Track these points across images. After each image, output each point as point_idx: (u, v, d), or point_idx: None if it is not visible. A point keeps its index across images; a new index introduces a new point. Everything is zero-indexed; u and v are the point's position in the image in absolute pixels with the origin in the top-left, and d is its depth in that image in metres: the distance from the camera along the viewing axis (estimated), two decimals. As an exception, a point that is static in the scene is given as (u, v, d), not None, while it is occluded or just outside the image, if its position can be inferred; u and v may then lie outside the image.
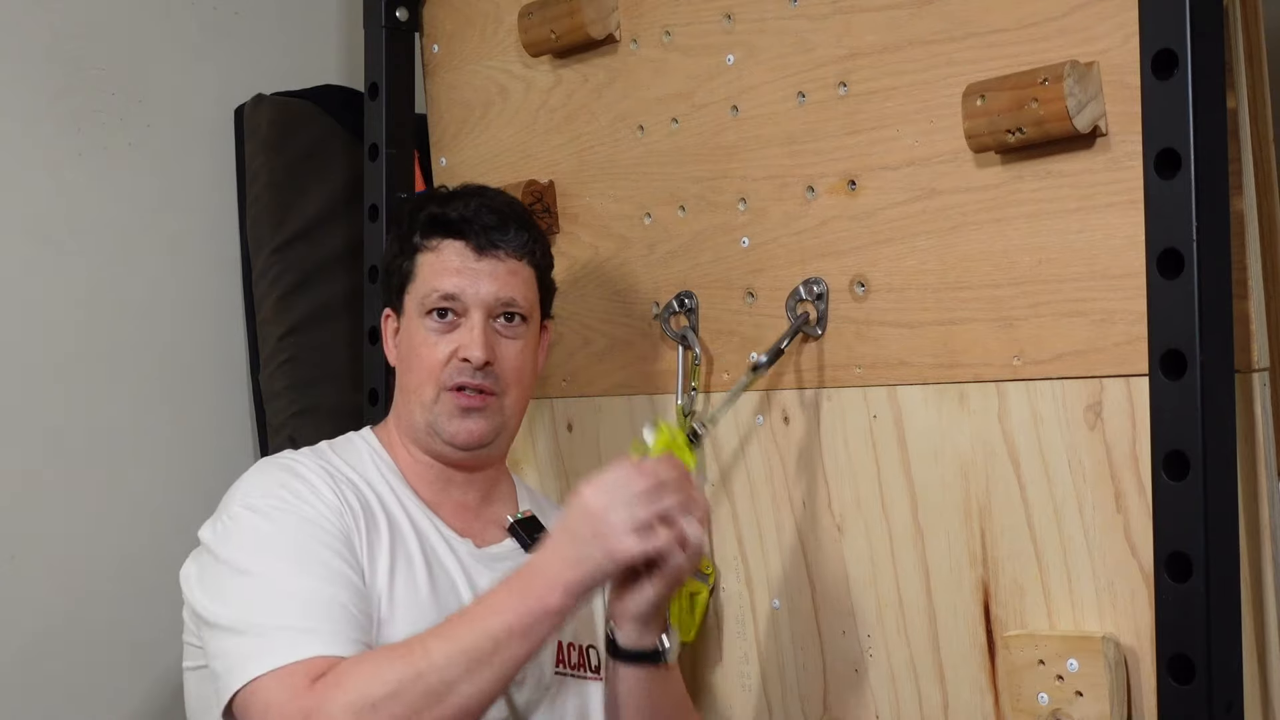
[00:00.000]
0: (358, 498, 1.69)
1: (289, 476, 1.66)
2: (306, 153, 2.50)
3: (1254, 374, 1.52)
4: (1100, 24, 1.54)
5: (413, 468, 1.77)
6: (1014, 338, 1.63)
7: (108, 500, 2.40)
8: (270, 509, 1.62)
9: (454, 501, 1.78)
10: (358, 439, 1.81)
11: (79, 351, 2.40)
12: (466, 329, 1.73)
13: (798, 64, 1.82)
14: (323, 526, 1.61)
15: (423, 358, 1.74)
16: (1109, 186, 1.55)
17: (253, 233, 2.49)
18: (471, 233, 1.75)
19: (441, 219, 1.76)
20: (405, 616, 1.63)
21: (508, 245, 1.75)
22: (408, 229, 1.79)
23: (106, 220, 2.43)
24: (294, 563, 1.58)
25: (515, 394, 1.76)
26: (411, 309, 1.76)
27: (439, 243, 1.76)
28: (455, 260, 1.74)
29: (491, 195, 1.82)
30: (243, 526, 1.61)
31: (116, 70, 2.44)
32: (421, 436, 1.76)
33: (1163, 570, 1.43)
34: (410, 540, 1.70)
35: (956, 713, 1.71)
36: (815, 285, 1.81)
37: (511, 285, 1.75)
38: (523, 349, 1.76)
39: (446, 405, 1.73)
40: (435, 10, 2.32)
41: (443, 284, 1.73)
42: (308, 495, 1.64)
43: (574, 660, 1.78)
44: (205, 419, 2.52)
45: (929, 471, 1.72)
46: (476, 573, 1.73)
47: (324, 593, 1.55)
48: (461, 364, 1.72)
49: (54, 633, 2.32)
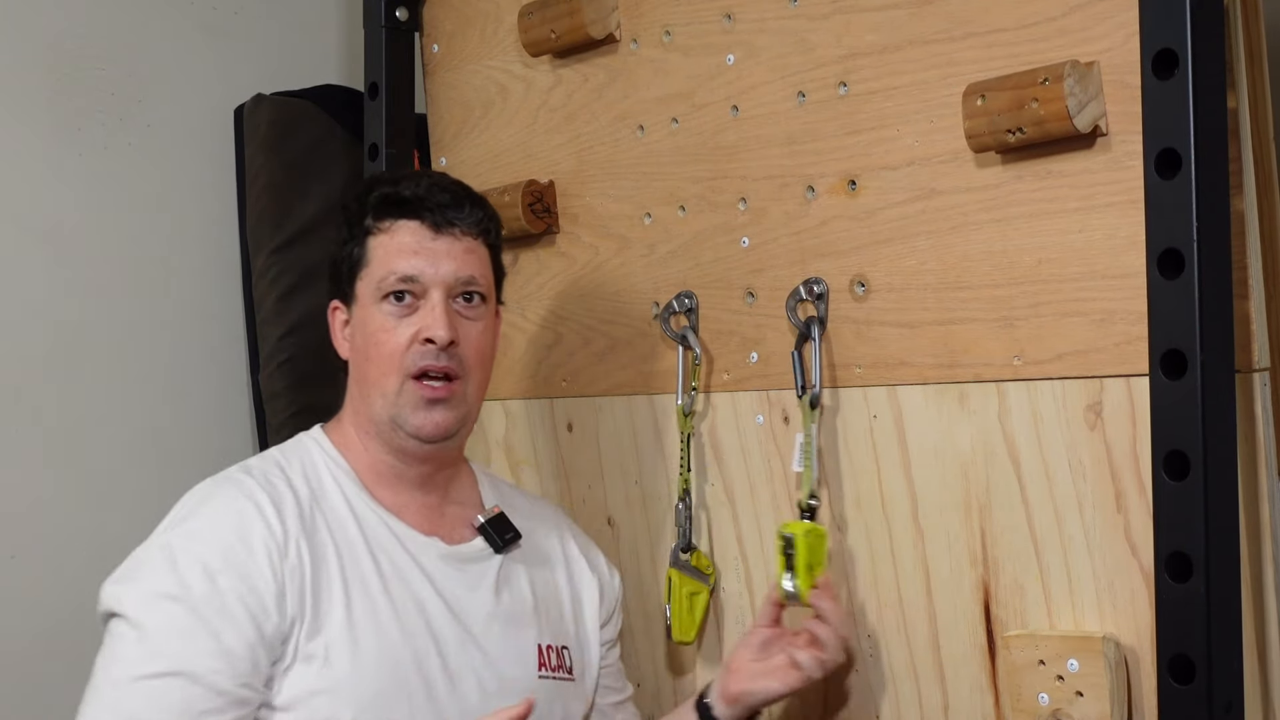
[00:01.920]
0: (303, 525, 1.62)
1: (212, 555, 1.56)
2: (306, 153, 2.50)
3: (1254, 374, 1.52)
4: (1100, 24, 1.54)
5: (371, 469, 1.71)
6: (1014, 338, 1.63)
7: (108, 500, 2.40)
8: (151, 643, 1.53)
9: (417, 502, 1.73)
10: (310, 442, 1.74)
11: (79, 351, 2.40)
12: (427, 309, 1.66)
13: (798, 64, 1.82)
14: (199, 673, 1.53)
15: (382, 344, 1.66)
16: (1109, 186, 1.55)
17: (253, 233, 2.49)
18: (426, 210, 1.68)
19: (394, 198, 1.70)
20: (369, 646, 1.60)
21: (464, 223, 1.70)
22: (357, 213, 1.72)
23: (106, 220, 2.43)
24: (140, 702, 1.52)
25: (477, 378, 1.70)
26: (366, 295, 1.69)
27: (392, 224, 1.69)
28: (411, 240, 1.68)
29: (439, 175, 1.76)
30: (122, 641, 1.55)
31: (116, 70, 2.44)
32: (384, 431, 1.69)
33: (1163, 570, 1.43)
34: (363, 560, 1.64)
35: (956, 713, 1.71)
36: (815, 285, 1.81)
37: (470, 263, 1.69)
38: (484, 330, 1.71)
39: (410, 396, 1.66)
40: (435, 10, 2.32)
41: (400, 265, 1.66)
42: (212, 607, 1.54)
43: (554, 663, 1.76)
44: (205, 419, 2.52)
45: (929, 471, 1.71)
46: (444, 576, 1.69)
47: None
48: (424, 347, 1.65)
49: (54, 633, 2.32)
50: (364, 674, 1.59)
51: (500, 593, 1.73)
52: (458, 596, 1.69)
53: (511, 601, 1.74)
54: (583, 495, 2.12)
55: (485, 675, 1.67)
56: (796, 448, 1.82)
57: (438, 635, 1.65)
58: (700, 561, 1.94)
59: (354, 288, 1.71)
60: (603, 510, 2.10)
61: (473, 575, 1.72)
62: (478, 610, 1.70)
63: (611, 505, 2.09)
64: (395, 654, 1.61)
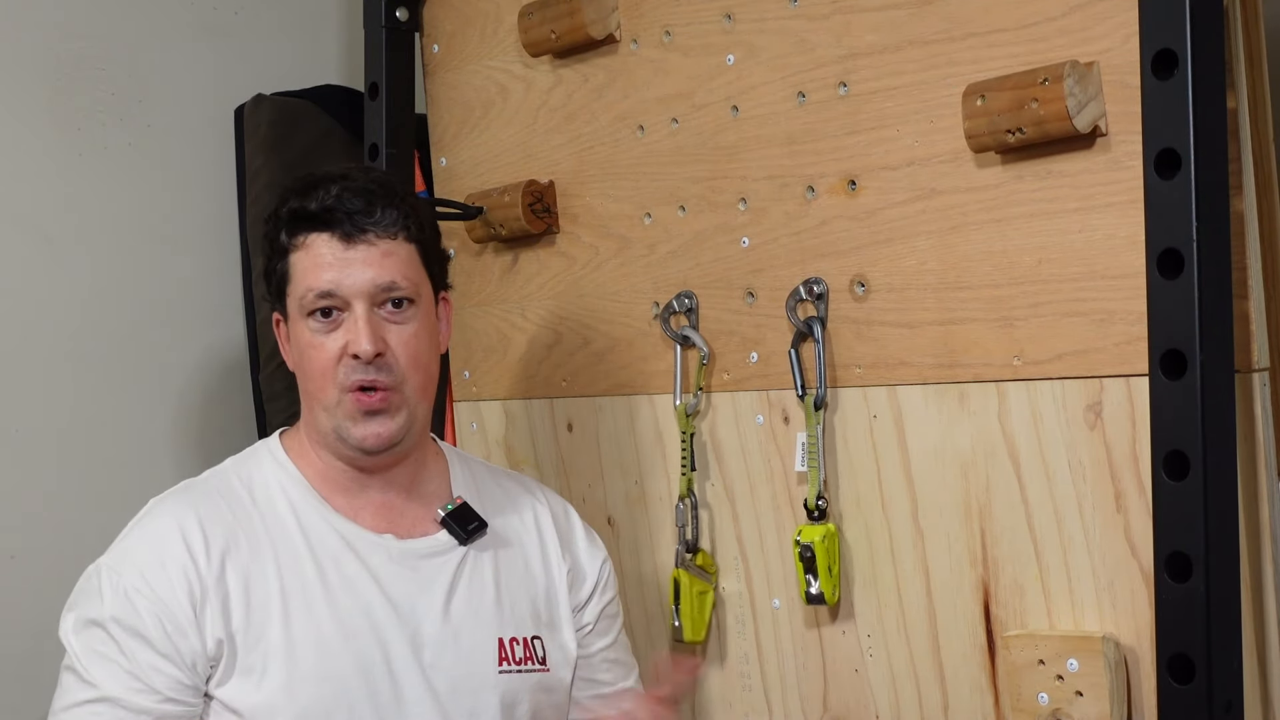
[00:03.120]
0: (237, 541, 1.63)
1: (131, 577, 1.61)
2: (306, 153, 2.50)
3: (1254, 374, 1.52)
4: (1100, 24, 1.54)
5: (324, 475, 1.70)
6: (1014, 338, 1.63)
7: (108, 500, 2.39)
8: (85, 667, 1.60)
9: (374, 503, 1.71)
10: (264, 452, 1.73)
11: (79, 351, 2.40)
12: (351, 323, 1.63)
13: (798, 64, 1.82)
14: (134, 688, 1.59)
15: (314, 360, 1.64)
16: (1109, 186, 1.55)
17: (253, 233, 2.49)
18: (336, 222, 1.63)
19: (303, 213, 1.65)
20: (307, 657, 1.61)
21: (377, 228, 1.64)
22: (274, 228, 1.68)
23: (106, 220, 2.43)
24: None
25: (416, 380, 1.66)
26: (294, 311, 1.66)
27: (305, 238, 1.65)
28: (326, 254, 1.63)
29: (354, 176, 1.68)
30: (64, 672, 1.63)
31: (116, 70, 2.44)
32: (330, 441, 1.67)
33: (1163, 570, 1.43)
34: (307, 570, 1.64)
35: (956, 713, 1.71)
36: (815, 285, 1.81)
37: (389, 268, 1.64)
38: (416, 332, 1.66)
39: (348, 408, 1.64)
40: (435, 10, 2.32)
41: (316, 282, 1.63)
42: (128, 628, 1.59)
43: (519, 655, 1.73)
44: (205, 419, 2.52)
45: (929, 471, 1.72)
46: (393, 578, 1.67)
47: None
48: (352, 361, 1.62)
49: (54, 633, 2.32)
50: (301, 686, 1.60)
51: (457, 589, 1.71)
52: (408, 596, 1.67)
53: (469, 597, 1.71)
54: (583, 495, 2.12)
55: (435, 676, 1.66)
56: (799, 448, 1.82)
57: (384, 641, 1.64)
58: (704, 561, 1.95)
59: (284, 303, 1.69)
60: (603, 510, 2.10)
61: (426, 574, 1.70)
62: (428, 610, 1.68)
63: (611, 505, 2.09)
64: (335, 664, 1.62)
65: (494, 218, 2.16)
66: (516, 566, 1.77)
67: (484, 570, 1.74)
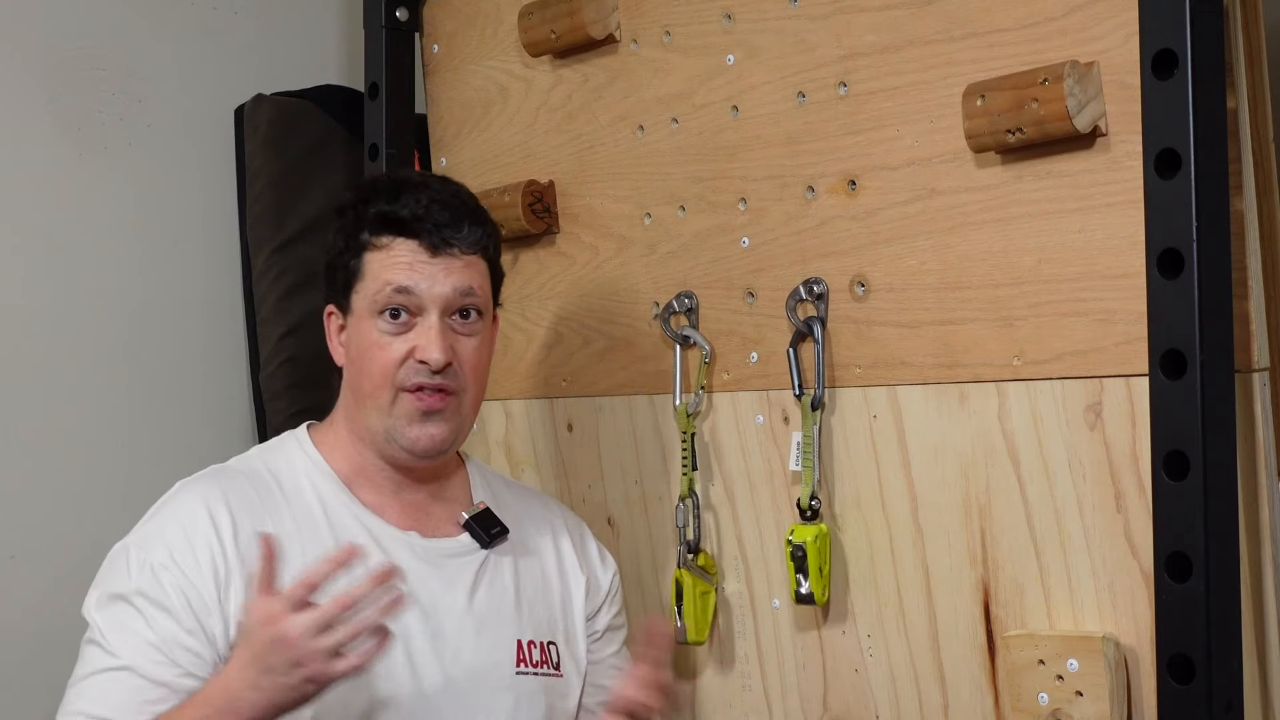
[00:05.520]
0: (264, 526, 1.62)
1: (159, 554, 1.62)
2: (306, 153, 2.50)
3: (1254, 374, 1.52)
4: (1100, 24, 1.54)
5: (359, 470, 1.72)
6: (1014, 338, 1.63)
7: (108, 500, 2.39)
8: (110, 625, 1.61)
9: (401, 501, 1.73)
10: (292, 443, 1.75)
11: (79, 351, 2.40)
12: (423, 329, 1.65)
13: (798, 64, 1.82)
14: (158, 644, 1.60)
15: (376, 359, 1.66)
16: (1109, 186, 1.55)
17: (253, 233, 2.49)
18: (424, 231, 1.66)
19: (393, 217, 1.67)
20: None
21: (462, 243, 1.68)
22: (354, 225, 1.70)
23: (106, 220, 2.43)
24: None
25: (473, 392, 1.70)
26: (361, 308, 1.68)
27: (390, 240, 1.67)
28: (408, 258, 1.66)
29: (438, 188, 1.72)
30: (86, 644, 1.63)
31: (116, 70, 2.44)
32: (378, 441, 1.69)
33: (1163, 570, 1.43)
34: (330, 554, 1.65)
35: (956, 713, 1.71)
36: (815, 285, 1.81)
37: (467, 277, 1.68)
38: (479, 345, 1.70)
39: (405, 408, 1.66)
40: (435, 10, 2.32)
41: (396, 282, 1.65)
42: (153, 600, 1.60)
43: (536, 658, 1.75)
44: (205, 419, 2.52)
45: (929, 471, 1.72)
46: (417, 574, 1.66)
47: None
48: (418, 365, 1.65)
49: (54, 633, 2.32)
50: None
51: (478, 589, 1.72)
52: (430, 592, 1.68)
53: (491, 597, 1.73)
54: (583, 495, 2.12)
55: (454, 671, 1.67)
56: (794, 447, 1.82)
57: (406, 634, 1.64)
58: (706, 562, 1.95)
59: (349, 299, 1.70)
60: (603, 510, 2.10)
61: (449, 572, 1.71)
62: (451, 607, 1.70)
63: (611, 505, 2.09)
64: None
65: (494, 218, 2.15)
66: (534, 574, 1.79)
67: (504, 574, 1.76)
